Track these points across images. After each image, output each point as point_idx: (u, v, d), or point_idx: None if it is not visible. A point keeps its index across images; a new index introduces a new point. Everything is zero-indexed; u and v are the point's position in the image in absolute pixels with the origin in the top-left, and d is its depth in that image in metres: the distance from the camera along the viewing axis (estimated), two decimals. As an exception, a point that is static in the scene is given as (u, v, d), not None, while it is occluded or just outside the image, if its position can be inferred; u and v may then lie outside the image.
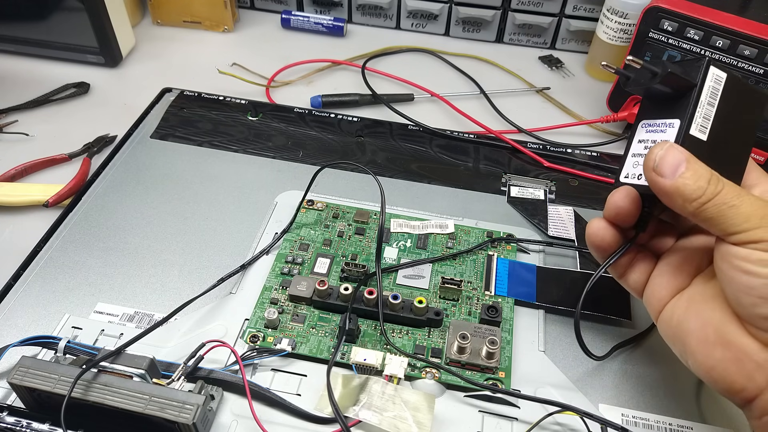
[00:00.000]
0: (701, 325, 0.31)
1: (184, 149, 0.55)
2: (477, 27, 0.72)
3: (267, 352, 0.39)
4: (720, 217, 0.28)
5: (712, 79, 0.32)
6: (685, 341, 0.32)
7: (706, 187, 0.29)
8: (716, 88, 0.32)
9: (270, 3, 0.76)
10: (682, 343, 0.32)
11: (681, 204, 0.29)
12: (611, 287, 0.44)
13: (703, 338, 0.31)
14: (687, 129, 0.31)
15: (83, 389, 0.33)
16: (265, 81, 0.65)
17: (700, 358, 0.31)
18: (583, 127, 0.62)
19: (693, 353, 0.31)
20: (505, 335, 0.41)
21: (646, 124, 0.34)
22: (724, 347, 0.30)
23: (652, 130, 0.34)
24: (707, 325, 0.31)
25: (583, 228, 0.49)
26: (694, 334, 0.31)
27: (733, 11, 0.51)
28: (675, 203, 0.30)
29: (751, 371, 0.29)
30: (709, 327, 0.31)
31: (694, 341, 0.31)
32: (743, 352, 0.30)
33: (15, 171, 0.53)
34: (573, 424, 0.37)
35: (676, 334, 0.33)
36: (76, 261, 0.45)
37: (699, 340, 0.31)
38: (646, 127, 0.34)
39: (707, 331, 0.31)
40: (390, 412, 0.35)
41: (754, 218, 0.28)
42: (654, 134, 0.33)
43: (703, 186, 0.29)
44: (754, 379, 0.29)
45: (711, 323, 0.31)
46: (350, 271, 0.43)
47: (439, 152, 0.56)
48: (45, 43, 0.65)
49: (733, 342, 0.30)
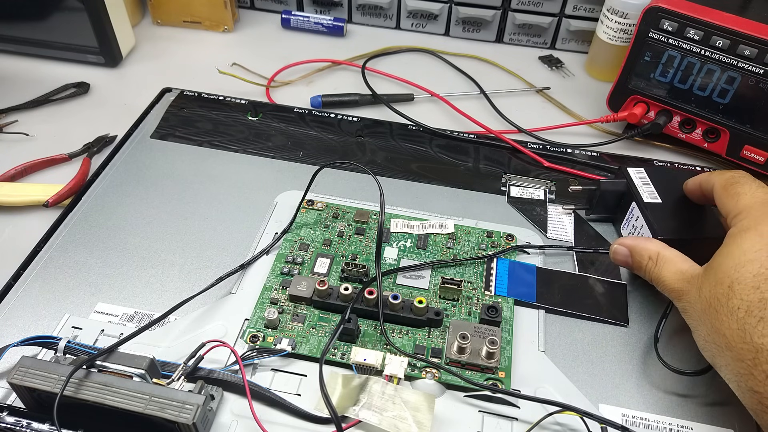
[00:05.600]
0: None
1: (184, 149, 0.55)
2: (477, 27, 0.72)
3: (267, 352, 0.39)
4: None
5: (633, 173, 0.48)
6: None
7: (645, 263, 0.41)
8: (642, 175, 0.47)
9: (270, 3, 0.76)
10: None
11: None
12: (611, 292, 0.44)
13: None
14: (642, 200, 0.45)
15: (83, 389, 0.33)
16: (265, 81, 0.65)
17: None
18: (583, 127, 0.62)
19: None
20: (505, 335, 0.41)
21: (624, 225, 0.48)
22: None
23: (627, 223, 0.47)
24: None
25: (583, 229, 0.49)
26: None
27: (733, 11, 0.51)
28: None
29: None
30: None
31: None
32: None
33: (15, 171, 0.53)
34: (573, 424, 0.37)
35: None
36: (76, 261, 0.45)
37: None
38: (625, 227, 0.48)
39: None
40: (390, 412, 0.35)
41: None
42: (631, 222, 0.47)
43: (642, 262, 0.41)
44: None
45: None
46: (350, 271, 0.43)
47: (439, 152, 0.56)
48: (45, 43, 0.65)
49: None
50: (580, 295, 0.44)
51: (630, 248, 0.41)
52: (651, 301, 0.44)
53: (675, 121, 0.57)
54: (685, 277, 0.37)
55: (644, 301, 0.44)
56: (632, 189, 0.46)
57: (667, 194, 0.45)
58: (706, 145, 0.56)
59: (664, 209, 0.45)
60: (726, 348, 0.33)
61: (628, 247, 0.42)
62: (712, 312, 0.34)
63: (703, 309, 0.35)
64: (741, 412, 0.38)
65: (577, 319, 0.43)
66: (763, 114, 0.51)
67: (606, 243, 0.48)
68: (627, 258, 0.42)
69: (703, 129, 0.56)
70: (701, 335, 0.36)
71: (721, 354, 0.34)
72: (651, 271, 0.40)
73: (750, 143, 0.53)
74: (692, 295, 0.36)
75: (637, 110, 0.57)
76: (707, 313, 0.34)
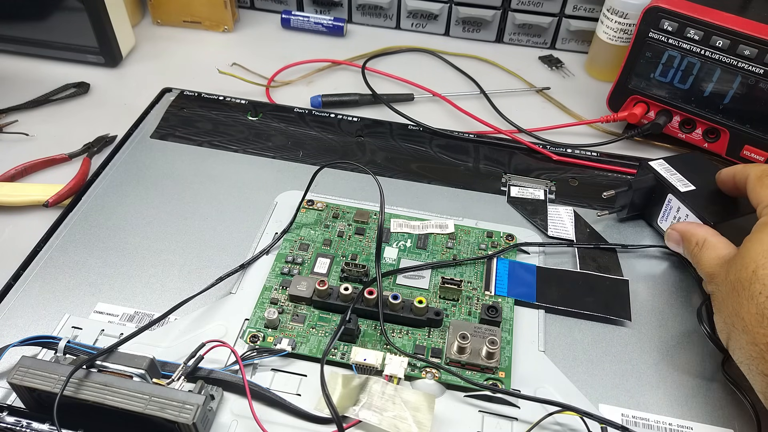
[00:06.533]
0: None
1: (184, 149, 0.55)
2: (477, 27, 0.72)
3: (267, 352, 0.39)
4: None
5: (657, 166, 0.48)
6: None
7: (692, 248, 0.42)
8: (665, 166, 0.48)
9: (270, 3, 0.76)
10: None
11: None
12: (613, 289, 0.44)
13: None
14: (677, 190, 0.46)
15: (83, 389, 0.33)
16: (265, 81, 0.65)
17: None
18: (583, 127, 0.62)
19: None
20: (505, 335, 0.41)
21: (663, 218, 0.48)
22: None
23: (666, 216, 0.48)
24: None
25: (583, 228, 0.49)
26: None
27: (733, 11, 0.51)
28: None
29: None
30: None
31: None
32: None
33: (15, 171, 0.53)
34: (573, 424, 0.37)
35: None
36: (76, 261, 0.45)
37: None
38: (663, 220, 0.48)
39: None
40: (390, 412, 0.35)
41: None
42: (671, 213, 0.47)
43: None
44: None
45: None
46: (350, 271, 0.43)
47: (439, 152, 0.56)
48: (45, 43, 0.65)
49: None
50: (581, 292, 0.44)
51: (682, 233, 0.43)
52: (653, 297, 0.44)
53: (675, 121, 0.57)
54: (720, 262, 0.39)
55: (647, 297, 0.44)
56: (663, 182, 0.47)
57: (696, 180, 0.46)
58: (706, 145, 0.56)
59: (701, 195, 0.46)
60: (743, 331, 0.34)
61: (680, 232, 0.43)
62: (735, 295, 0.35)
63: (728, 292, 0.36)
64: (741, 412, 0.38)
65: (578, 318, 0.43)
66: (763, 114, 0.51)
67: (604, 240, 0.48)
68: (679, 242, 0.44)
69: (703, 129, 0.56)
70: (722, 317, 0.37)
71: (738, 337, 0.35)
72: (695, 255, 0.41)
73: (750, 143, 0.53)
74: (720, 278, 0.37)
75: (637, 110, 0.57)
76: (731, 296, 0.35)
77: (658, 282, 0.46)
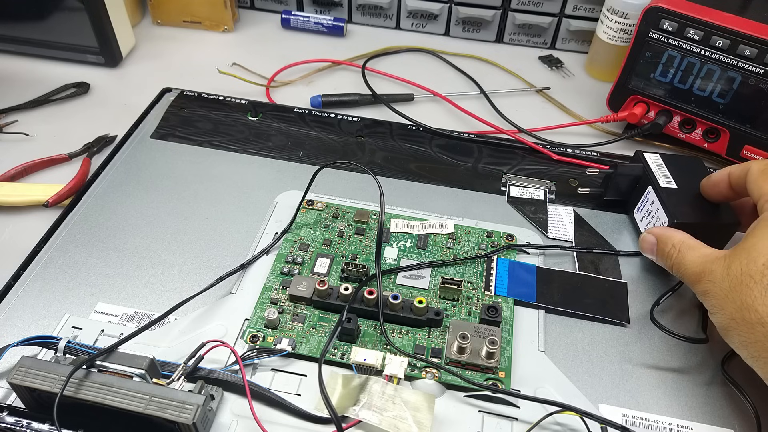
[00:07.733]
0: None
1: (184, 149, 0.55)
2: (477, 27, 0.72)
3: (267, 352, 0.39)
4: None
5: (650, 158, 0.48)
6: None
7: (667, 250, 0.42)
8: (658, 160, 0.48)
9: (270, 3, 0.76)
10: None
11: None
12: (612, 291, 0.44)
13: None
14: (658, 184, 0.46)
15: (83, 389, 0.33)
16: (265, 81, 0.65)
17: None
18: (583, 127, 0.62)
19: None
20: (505, 335, 0.41)
21: (638, 209, 0.48)
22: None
23: (641, 207, 0.48)
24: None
25: (583, 229, 0.49)
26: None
27: (733, 11, 0.51)
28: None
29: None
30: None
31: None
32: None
33: (15, 171, 0.53)
34: (573, 424, 0.37)
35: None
36: (76, 261, 0.45)
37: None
38: (638, 211, 0.49)
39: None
40: (390, 412, 0.35)
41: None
42: (645, 206, 0.47)
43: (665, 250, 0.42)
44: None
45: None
46: (350, 271, 0.43)
47: (439, 152, 0.56)
48: (45, 43, 0.65)
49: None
50: (580, 294, 0.44)
51: (657, 236, 0.43)
52: (652, 300, 0.44)
53: (675, 121, 0.57)
54: (709, 259, 0.38)
55: (645, 300, 0.44)
56: (648, 174, 0.47)
57: (682, 181, 0.46)
58: (706, 145, 0.56)
59: (679, 195, 0.46)
60: (758, 323, 0.34)
61: (655, 235, 0.43)
62: (744, 289, 0.35)
63: (732, 286, 0.36)
64: (741, 412, 0.38)
65: (578, 319, 0.43)
66: (763, 114, 0.51)
67: (606, 244, 0.48)
68: (653, 246, 0.43)
69: (703, 129, 0.56)
70: (726, 313, 0.36)
71: (751, 330, 0.34)
72: (673, 257, 0.41)
73: (750, 143, 0.53)
74: (717, 275, 0.37)
75: (637, 110, 0.57)
76: (736, 290, 0.35)
77: (659, 283, 0.46)
